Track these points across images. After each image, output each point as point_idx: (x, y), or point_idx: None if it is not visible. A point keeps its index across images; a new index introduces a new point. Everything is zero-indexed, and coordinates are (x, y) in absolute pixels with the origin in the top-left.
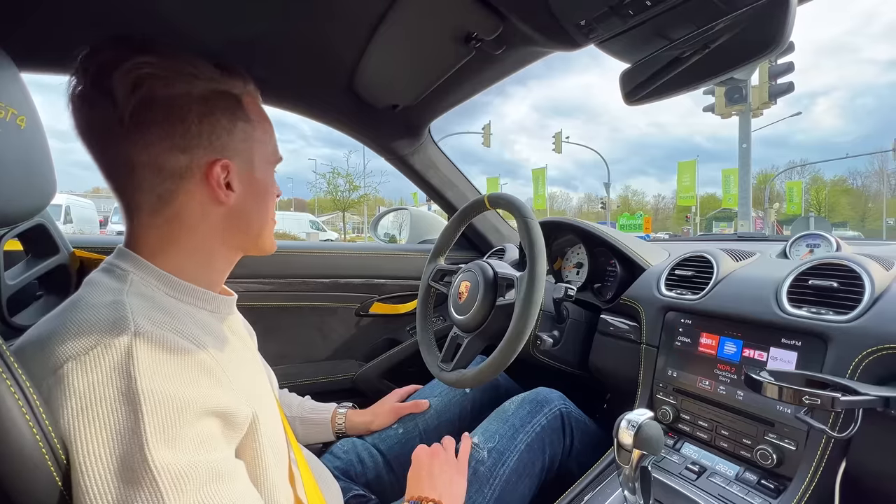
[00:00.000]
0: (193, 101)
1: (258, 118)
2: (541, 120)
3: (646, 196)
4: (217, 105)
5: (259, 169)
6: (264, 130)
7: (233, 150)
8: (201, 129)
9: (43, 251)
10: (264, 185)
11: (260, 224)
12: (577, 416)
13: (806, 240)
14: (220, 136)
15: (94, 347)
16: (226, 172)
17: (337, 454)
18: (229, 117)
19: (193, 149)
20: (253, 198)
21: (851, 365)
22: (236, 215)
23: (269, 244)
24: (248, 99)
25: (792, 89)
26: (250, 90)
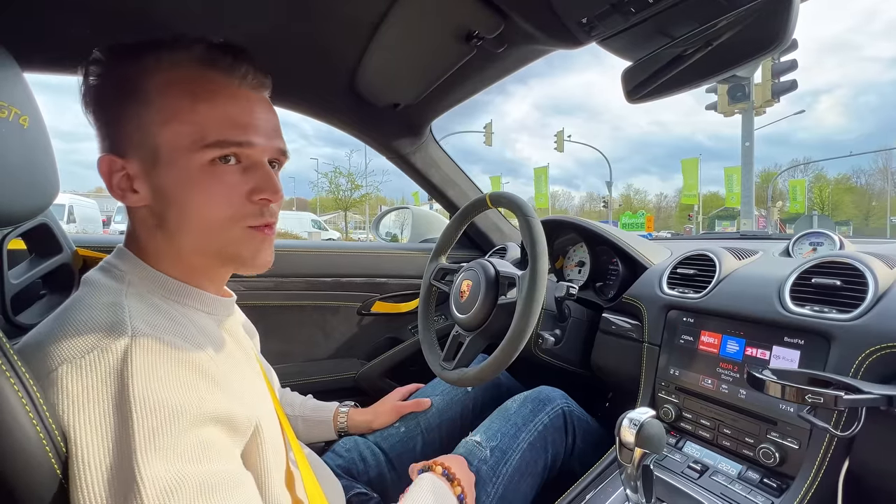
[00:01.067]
0: (92, 91)
1: (164, 97)
2: (542, 118)
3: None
4: (105, 91)
5: (169, 162)
6: (176, 110)
7: (126, 143)
8: (97, 121)
9: (46, 250)
10: (184, 182)
11: (194, 236)
12: (579, 415)
13: (809, 238)
14: (110, 128)
15: (90, 351)
16: (122, 171)
17: (339, 452)
18: (117, 103)
19: (102, 145)
20: (168, 201)
21: (855, 363)
22: (164, 224)
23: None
24: (155, 77)
25: (795, 87)
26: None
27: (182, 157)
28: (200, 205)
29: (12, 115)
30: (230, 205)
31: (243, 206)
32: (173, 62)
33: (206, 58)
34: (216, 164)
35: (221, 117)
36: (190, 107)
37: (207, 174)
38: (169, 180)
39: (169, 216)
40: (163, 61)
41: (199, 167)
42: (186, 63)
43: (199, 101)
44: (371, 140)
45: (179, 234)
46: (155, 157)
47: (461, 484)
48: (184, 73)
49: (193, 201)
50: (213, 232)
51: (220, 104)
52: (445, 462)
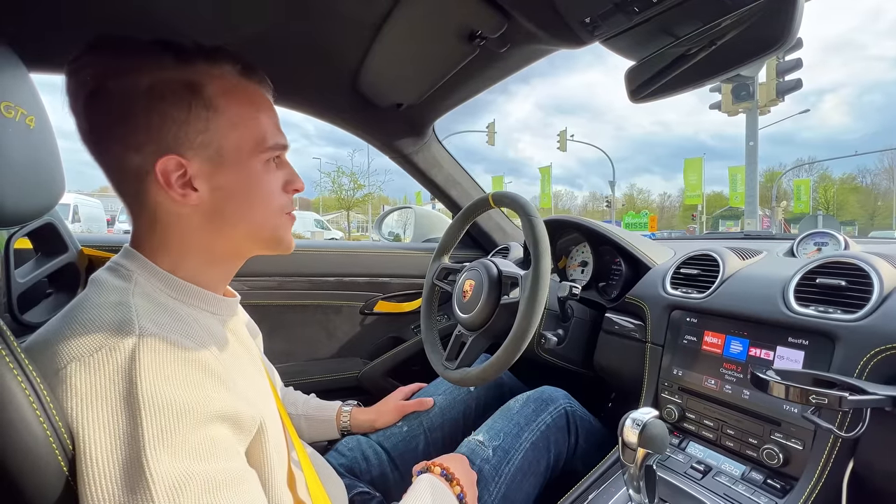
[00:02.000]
0: (139, 95)
1: (230, 104)
2: (544, 118)
3: (651, 194)
4: (165, 96)
5: (233, 163)
6: (241, 117)
7: (189, 144)
8: (149, 124)
9: (52, 249)
10: (246, 179)
11: (250, 225)
12: (581, 415)
13: (814, 238)
14: (169, 131)
15: (98, 349)
16: (181, 170)
17: (342, 451)
18: (181, 108)
19: (144, 146)
20: (230, 196)
21: (859, 364)
22: (215, 217)
23: (276, 244)
24: (214, 84)
25: (800, 86)
26: (224, 73)
27: (246, 159)
28: (261, 198)
29: (19, 115)
30: (278, 197)
31: (282, 197)
32: (223, 72)
33: (244, 70)
34: (269, 164)
35: (272, 124)
36: (252, 115)
37: (265, 172)
38: (233, 178)
39: (228, 210)
40: (214, 69)
41: (259, 167)
42: (233, 74)
43: (258, 110)
44: (374, 140)
45: (235, 225)
46: (220, 158)
47: (460, 483)
48: (235, 83)
49: (255, 196)
50: (267, 220)
51: (269, 111)
52: (444, 462)
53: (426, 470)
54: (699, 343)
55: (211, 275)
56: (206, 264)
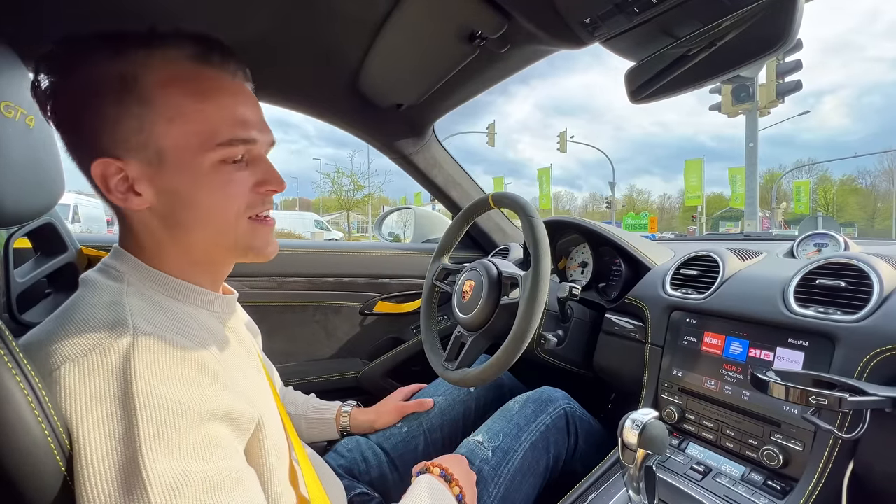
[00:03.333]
0: (71, 92)
1: (168, 96)
2: (544, 119)
3: (651, 195)
4: (99, 91)
5: (176, 163)
6: (179, 111)
7: (124, 145)
8: (86, 124)
9: (51, 249)
10: (193, 181)
11: (207, 231)
12: (581, 416)
13: (813, 239)
14: (104, 131)
15: (92, 350)
16: (121, 174)
17: (341, 452)
18: (114, 104)
19: (80, 148)
20: (178, 201)
21: (859, 365)
22: (170, 223)
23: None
24: (151, 75)
25: (800, 87)
26: (164, 61)
27: (192, 157)
28: (215, 203)
29: (18, 115)
30: (239, 200)
31: (249, 199)
32: (166, 58)
33: (197, 54)
34: (225, 163)
35: (227, 116)
36: (196, 106)
37: (218, 172)
38: (178, 181)
39: (180, 216)
40: (154, 57)
41: (210, 166)
42: (180, 59)
43: (205, 100)
44: (374, 140)
45: (190, 231)
46: (160, 158)
47: (459, 484)
48: (180, 71)
49: (206, 199)
50: (228, 227)
51: (225, 102)
52: (443, 463)
53: (425, 471)
54: (699, 344)
55: (198, 275)
56: (188, 265)
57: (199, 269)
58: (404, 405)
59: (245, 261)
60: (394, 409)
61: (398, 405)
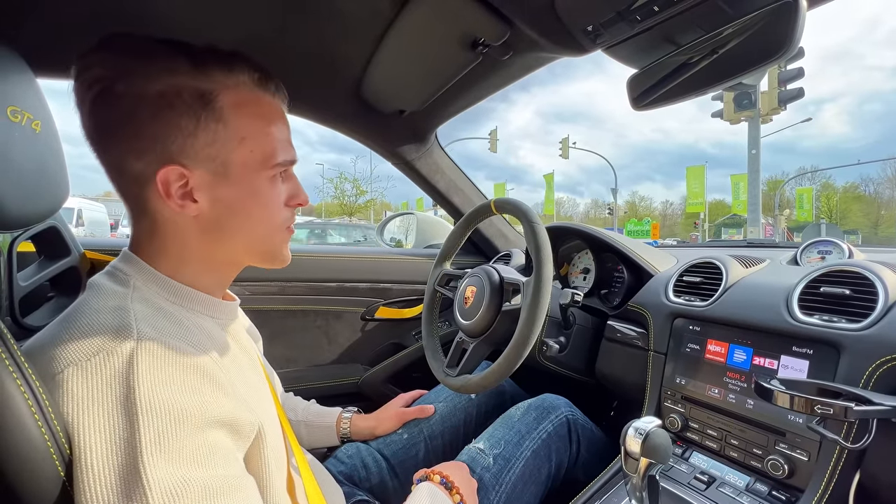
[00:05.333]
0: (147, 100)
1: (241, 117)
2: (545, 126)
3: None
4: (175, 104)
5: (238, 177)
6: (251, 131)
7: (194, 155)
8: (155, 131)
9: (55, 253)
10: (249, 194)
11: (248, 239)
12: (583, 424)
13: (817, 246)
14: (175, 140)
15: (96, 354)
16: (183, 181)
17: (341, 459)
18: (191, 118)
19: (146, 153)
20: (230, 210)
21: (865, 374)
22: (212, 229)
23: (272, 258)
24: (227, 95)
25: (802, 95)
26: (238, 83)
27: (253, 173)
28: (263, 214)
29: (25, 119)
30: (281, 212)
31: (285, 212)
32: (238, 82)
33: (259, 81)
34: (275, 178)
35: (282, 139)
36: (262, 129)
37: (270, 187)
38: (236, 193)
39: (226, 224)
40: (229, 79)
41: (264, 182)
42: (249, 84)
43: (269, 124)
44: (377, 146)
45: (232, 238)
46: (225, 171)
47: (460, 492)
48: (249, 95)
49: (257, 211)
50: (266, 235)
51: (281, 126)
52: (444, 470)
53: (426, 478)
54: (702, 351)
55: (209, 280)
56: (204, 271)
57: (212, 274)
58: (405, 411)
59: (264, 266)
60: (394, 415)
61: (399, 411)
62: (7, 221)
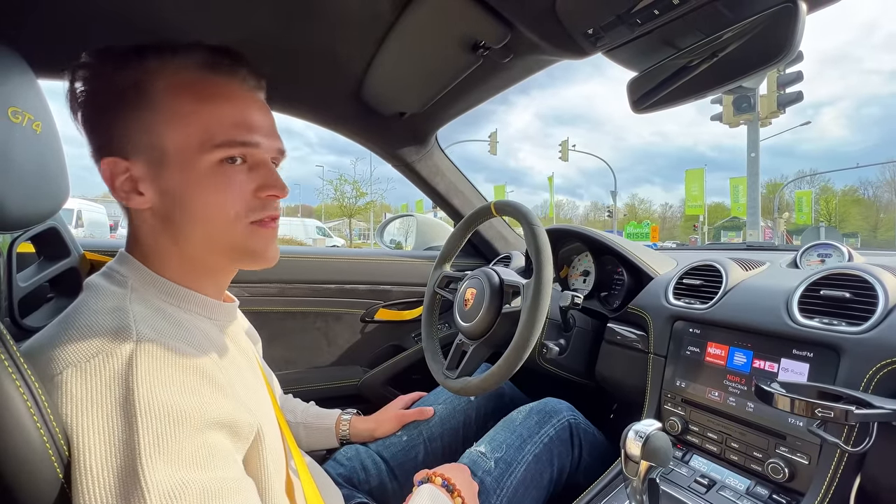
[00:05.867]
0: (93, 96)
1: (173, 101)
2: (544, 128)
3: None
4: (110, 96)
5: (177, 164)
6: (181, 114)
7: (132, 146)
8: (100, 125)
9: (55, 254)
10: (192, 182)
11: (205, 234)
12: (585, 428)
13: (817, 249)
14: (115, 132)
15: (95, 355)
16: (126, 174)
17: (340, 461)
18: (124, 108)
19: (101, 149)
20: (177, 201)
21: (865, 377)
22: (168, 225)
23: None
24: (161, 81)
25: (801, 98)
26: (175, 69)
27: (191, 158)
28: (209, 203)
29: (26, 120)
30: (238, 202)
31: (249, 203)
32: (178, 66)
33: (207, 62)
34: (224, 165)
35: (227, 119)
36: (196, 109)
37: (216, 174)
38: (177, 181)
39: (176, 216)
40: (167, 65)
41: (208, 167)
42: (190, 67)
43: (205, 104)
44: (377, 148)
45: (188, 233)
46: (162, 159)
47: (462, 495)
48: (188, 77)
49: (202, 200)
50: (222, 229)
51: (225, 106)
52: (445, 473)
53: (427, 480)
54: (702, 354)
55: (200, 282)
56: (189, 271)
57: (199, 275)
58: (404, 413)
59: (244, 266)
60: (394, 417)
61: (398, 413)
62: (7, 222)
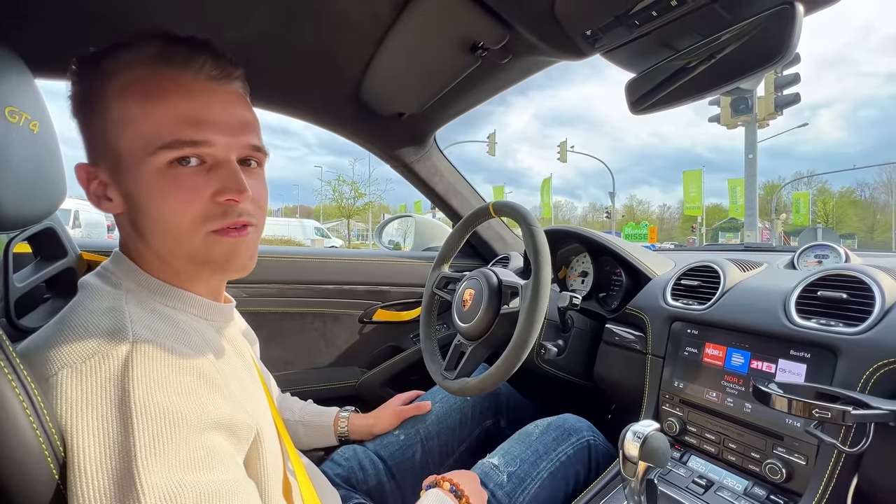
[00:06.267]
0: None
1: (121, 101)
2: (542, 129)
3: (651, 206)
4: (80, 99)
5: (130, 167)
6: (127, 115)
7: (95, 151)
8: (81, 130)
9: (51, 254)
10: (144, 185)
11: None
12: (604, 450)
13: (814, 250)
14: (85, 137)
15: (91, 356)
16: (95, 179)
17: (338, 461)
18: (89, 111)
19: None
20: (136, 206)
21: (862, 378)
22: (136, 230)
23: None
24: (113, 82)
25: (798, 100)
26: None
27: (140, 162)
28: (162, 210)
29: (23, 120)
30: (192, 208)
31: (207, 209)
32: (128, 64)
33: (159, 54)
34: (174, 167)
35: (174, 116)
36: (142, 109)
37: (165, 177)
38: (132, 186)
39: (139, 222)
40: (119, 64)
41: (156, 171)
42: (139, 63)
43: (151, 102)
44: (375, 149)
45: (152, 240)
46: (117, 164)
47: (470, 501)
48: (137, 75)
49: (156, 206)
50: (179, 237)
51: (173, 102)
52: (454, 478)
53: (435, 484)
54: (700, 355)
55: (190, 283)
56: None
57: (181, 277)
58: (403, 409)
59: (216, 276)
60: (392, 413)
61: (397, 409)
62: (4, 222)
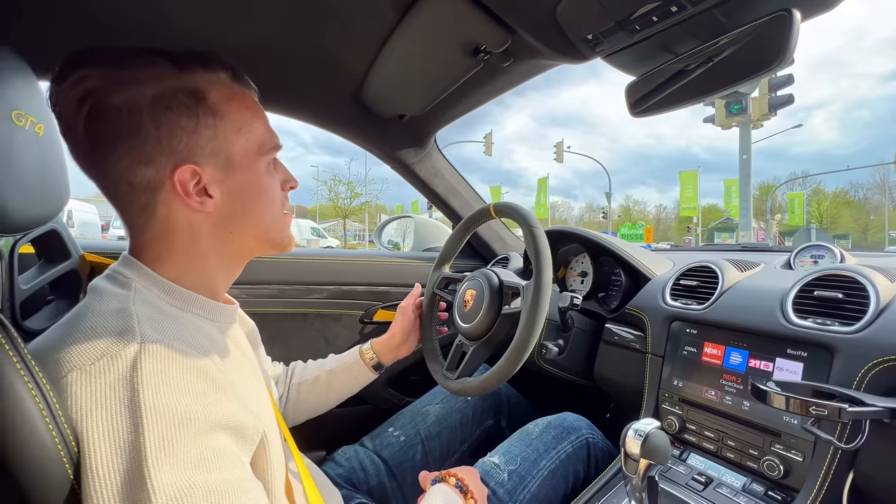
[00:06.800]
0: (144, 107)
1: (232, 110)
2: (539, 130)
3: (647, 206)
4: (172, 106)
5: (242, 167)
6: (244, 122)
7: (200, 152)
8: (159, 135)
9: (55, 256)
10: (254, 182)
11: (259, 226)
12: (603, 448)
13: (810, 251)
14: (181, 140)
15: (100, 358)
16: (196, 178)
17: (339, 462)
18: (190, 117)
19: (156, 158)
20: (241, 200)
21: (857, 376)
22: (226, 222)
23: (280, 241)
24: (216, 91)
25: (792, 101)
26: (220, 79)
27: (253, 162)
28: (268, 199)
29: (28, 123)
30: (279, 196)
31: (282, 196)
32: (219, 78)
33: (235, 76)
34: (270, 165)
35: (267, 126)
36: (252, 118)
37: (269, 173)
38: (242, 182)
39: (240, 214)
40: (212, 75)
41: (264, 168)
42: (228, 80)
43: (256, 114)
44: (376, 150)
45: (248, 227)
46: (230, 163)
47: (474, 497)
48: (231, 88)
49: (263, 197)
50: (272, 222)
51: (263, 115)
52: (459, 474)
53: (441, 479)
54: (699, 354)
55: (210, 283)
56: (206, 274)
57: (218, 273)
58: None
59: (275, 251)
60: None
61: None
62: (11, 224)
